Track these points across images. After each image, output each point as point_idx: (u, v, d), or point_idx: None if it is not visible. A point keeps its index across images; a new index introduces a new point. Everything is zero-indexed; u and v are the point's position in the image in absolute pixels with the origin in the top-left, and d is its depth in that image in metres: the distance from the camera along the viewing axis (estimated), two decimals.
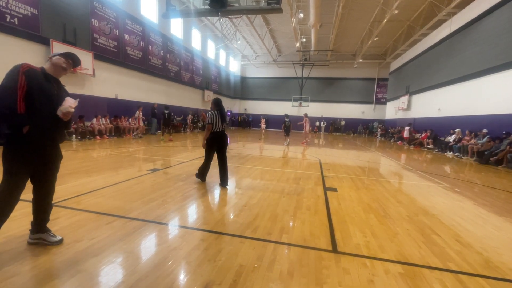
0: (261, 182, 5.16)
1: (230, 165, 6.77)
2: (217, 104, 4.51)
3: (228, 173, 4.75)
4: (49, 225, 2.39)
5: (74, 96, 2.29)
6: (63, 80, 2.34)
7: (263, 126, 20.68)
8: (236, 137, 17.68)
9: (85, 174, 4.97)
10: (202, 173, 4.79)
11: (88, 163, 6.02)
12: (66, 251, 2.25)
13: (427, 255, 2.52)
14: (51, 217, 2.42)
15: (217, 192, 4.41)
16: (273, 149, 11.15)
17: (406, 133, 16.96)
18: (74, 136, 10.07)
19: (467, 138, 11.52)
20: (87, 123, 10.98)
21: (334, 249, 2.54)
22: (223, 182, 4.57)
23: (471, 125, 11.86)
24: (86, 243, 2.40)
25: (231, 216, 3.29)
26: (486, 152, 9.70)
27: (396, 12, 14.97)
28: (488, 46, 11.34)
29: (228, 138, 4.50)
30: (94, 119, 11.26)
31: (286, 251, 2.48)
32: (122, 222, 2.88)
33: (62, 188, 3.97)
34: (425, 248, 2.66)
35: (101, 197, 3.68)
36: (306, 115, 13.53)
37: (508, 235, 3.16)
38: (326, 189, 4.84)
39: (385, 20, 15.86)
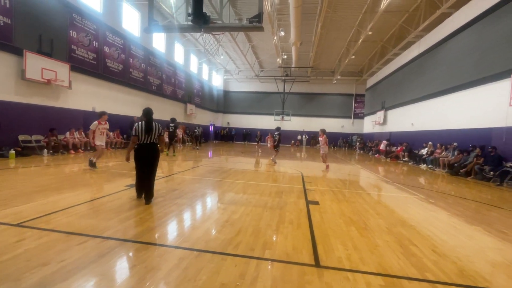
0: (243, 196, 5.10)
1: (212, 179, 6.68)
2: (144, 115, 4.13)
3: (210, 188, 4.67)
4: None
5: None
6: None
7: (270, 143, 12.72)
8: (219, 150, 17.55)
9: (55, 191, 4.66)
10: (136, 188, 4.33)
11: (60, 179, 5.67)
12: (31, 276, 2.06)
13: (405, 266, 2.58)
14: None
15: (199, 207, 4.30)
16: (256, 163, 11.15)
17: (382, 147, 17.76)
18: (45, 150, 9.51)
19: (438, 151, 12.22)
20: (60, 137, 10.44)
21: (317, 263, 2.53)
22: (146, 200, 4.17)
23: (442, 138, 12.62)
24: (54, 266, 2.21)
25: (213, 232, 3.20)
26: (455, 164, 10.31)
27: (370, 33, 16.04)
28: (453, 66, 12.33)
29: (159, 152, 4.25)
30: (68, 133, 10.74)
31: (269, 267, 2.44)
32: (96, 242, 2.71)
33: (29, 207, 3.69)
34: (404, 259, 2.72)
35: (73, 216, 3.45)
36: (324, 131, 9.88)
37: (479, 244, 3.32)
38: (308, 202, 4.88)
39: (360, 40, 16.92)
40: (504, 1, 9.45)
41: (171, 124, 12.10)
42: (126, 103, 14.86)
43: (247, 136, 31.09)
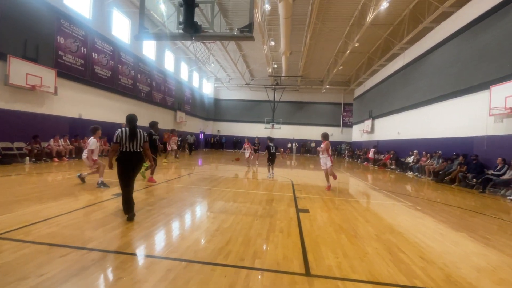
0: (234, 204, 5.05)
1: (202, 187, 6.60)
2: (128, 121, 3.94)
3: (200, 196, 4.60)
4: None
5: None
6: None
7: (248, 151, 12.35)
8: (209, 158, 17.40)
9: (37, 200, 4.47)
10: (124, 203, 3.81)
11: (42, 188, 5.45)
12: None
13: (395, 273, 2.60)
14: None
15: (188, 216, 4.22)
16: (248, 171, 11.11)
17: (371, 154, 18.07)
18: (27, 158, 9.15)
19: (424, 159, 12.57)
20: (44, 144, 10.10)
21: (307, 272, 2.52)
22: (130, 216, 3.73)
23: (427, 147, 13.01)
24: (34, 280, 2.10)
25: (202, 242, 3.14)
26: (440, 172, 10.61)
27: (357, 44, 16.58)
28: (436, 77, 12.86)
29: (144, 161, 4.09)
30: (52, 140, 10.40)
31: (259, 277, 2.40)
32: (79, 254, 2.60)
33: (8, 218, 3.52)
34: (393, 266, 2.75)
35: (55, 227, 3.31)
36: (325, 136, 7.34)
37: (464, 249, 3.40)
38: (298, 210, 4.88)
39: (348, 51, 17.46)
40: (478, 19, 10.05)
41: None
42: (114, 110, 14.61)
43: (238, 144, 31.04)
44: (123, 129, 3.84)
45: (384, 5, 11.68)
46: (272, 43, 18.71)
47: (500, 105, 8.54)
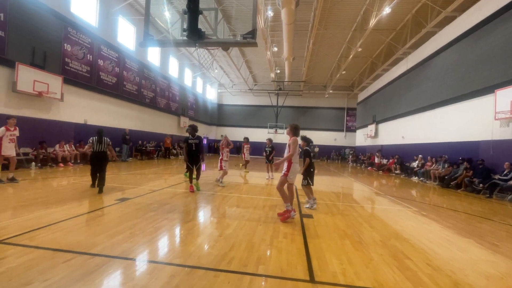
0: (237, 210, 5.03)
1: (205, 193, 6.59)
2: (97, 133, 6.01)
3: (203, 202, 4.61)
4: None
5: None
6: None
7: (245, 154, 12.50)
8: (212, 163, 17.41)
9: (42, 206, 4.51)
10: (92, 179, 6.23)
11: (47, 194, 5.50)
12: None
13: (400, 280, 2.55)
14: None
15: (191, 222, 4.21)
16: (250, 176, 11.09)
17: (377, 160, 17.68)
18: (33, 163, 9.26)
19: (429, 163, 12.42)
20: (50, 150, 10.21)
21: (312, 279, 2.48)
22: (99, 188, 5.79)
23: (432, 151, 12.87)
24: (37, 286, 2.10)
25: (205, 248, 3.12)
26: (446, 177, 10.47)
27: (360, 49, 16.64)
28: (439, 82, 12.80)
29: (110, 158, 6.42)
30: (57, 145, 10.52)
31: (263, 283, 2.38)
32: (83, 260, 2.60)
33: (14, 223, 3.55)
34: (399, 273, 2.70)
35: (59, 232, 3.33)
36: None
37: (472, 256, 3.33)
38: (302, 215, 4.83)
39: (351, 56, 17.51)
40: (483, 22, 10.02)
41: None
42: (119, 116, 14.78)
43: (241, 149, 31.05)
44: (94, 137, 5.93)
45: (386, 10, 11.73)
46: (275, 49, 18.85)
47: (505, 109, 8.45)
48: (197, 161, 6.48)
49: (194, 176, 6.58)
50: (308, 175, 5.38)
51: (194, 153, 6.47)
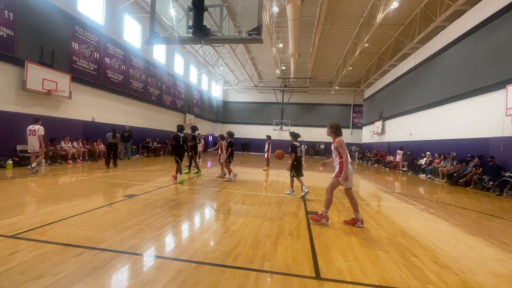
0: (242, 207, 5.06)
1: (211, 189, 6.64)
2: (112, 130, 8.59)
3: (208, 198, 4.65)
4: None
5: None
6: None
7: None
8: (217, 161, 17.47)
9: (52, 201, 4.61)
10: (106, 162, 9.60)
11: (57, 190, 5.61)
12: None
13: (407, 278, 2.53)
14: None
15: (197, 218, 4.25)
16: (255, 173, 11.10)
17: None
18: (43, 160, 9.45)
19: (437, 160, 12.23)
20: (58, 147, 10.41)
21: (317, 276, 2.49)
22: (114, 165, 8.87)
23: (440, 148, 12.66)
24: (49, 279, 2.16)
25: (211, 244, 3.15)
26: (454, 174, 10.30)
27: (366, 45, 16.38)
28: (448, 77, 12.54)
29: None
30: (62, 142, 10.69)
31: (268, 279, 2.39)
32: (92, 254, 2.66)
33: (25, 218, 3.64)
34: (406, 271, 2.68)
35: (69, 227, 3.40)
36: (333, 129, 4.31)
37: (480, 254, 3.28)
38: (308, 212, 4.83)
39: (357, 52, 17.26)
40: (494, 16, 9.73)
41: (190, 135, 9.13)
42: (126, 113, 14.93)
43: (246, 146, 31.10)
44: (109, 133, 8.76)
45: (394, 5, 11.51)
46: (281, 45, 18.71)
47: None
48: (183, 154, 7.48)
49: (185, 170, 8.28)
50: (294, 167, 6.20)
51: (182, 147, 7.41)
